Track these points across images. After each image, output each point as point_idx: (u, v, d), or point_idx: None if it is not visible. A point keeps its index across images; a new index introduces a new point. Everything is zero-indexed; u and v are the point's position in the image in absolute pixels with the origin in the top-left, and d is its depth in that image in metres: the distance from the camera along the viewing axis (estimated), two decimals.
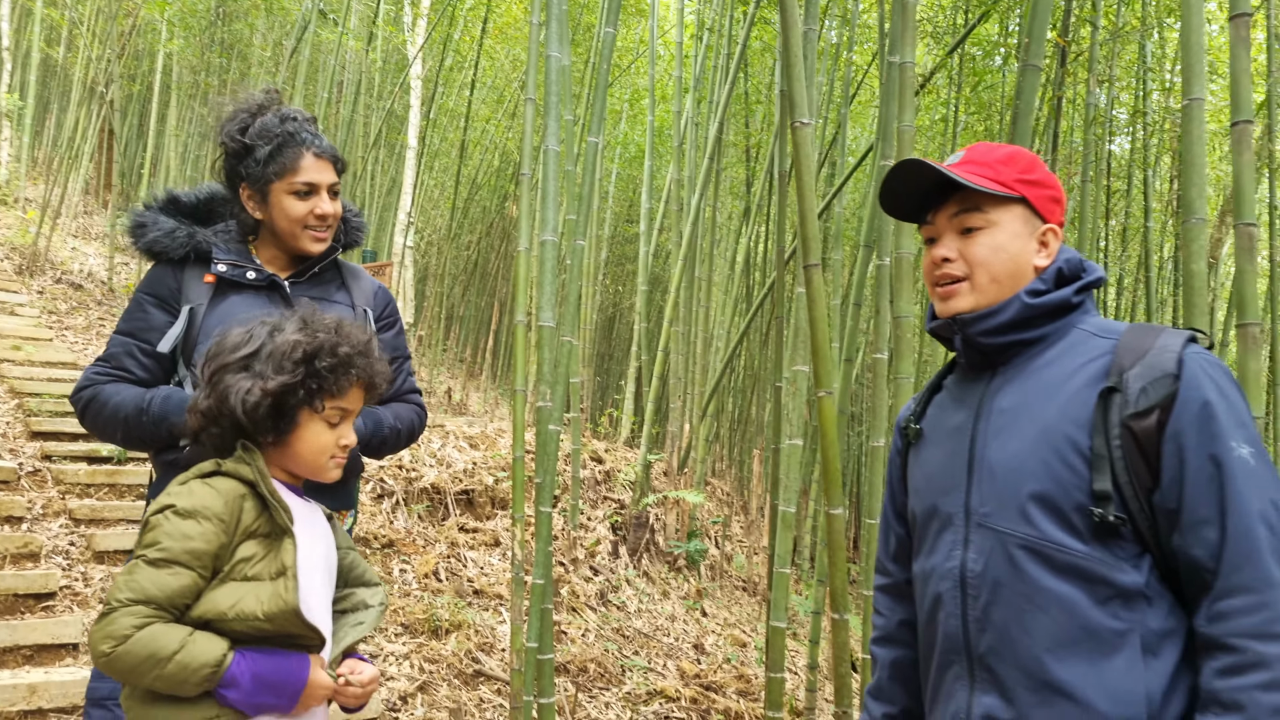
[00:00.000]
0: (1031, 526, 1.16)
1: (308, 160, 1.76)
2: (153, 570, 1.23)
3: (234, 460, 1.35)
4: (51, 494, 4.43)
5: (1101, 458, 1.12)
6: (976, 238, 1.28)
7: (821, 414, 1.98)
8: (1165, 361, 1.13)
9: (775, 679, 3.08)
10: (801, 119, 2.03)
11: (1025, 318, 1.24)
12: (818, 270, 2.00)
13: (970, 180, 1.26)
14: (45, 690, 2.96)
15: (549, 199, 3.07)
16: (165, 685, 1.22)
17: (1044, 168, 1.31)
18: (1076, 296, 1.25)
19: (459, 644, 3.95)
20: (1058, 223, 1.29)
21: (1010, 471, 1.20)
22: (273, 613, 1.26)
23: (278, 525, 1.32)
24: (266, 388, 1.33)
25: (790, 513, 3.13)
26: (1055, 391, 1.19)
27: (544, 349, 3.03)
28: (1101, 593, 1.11)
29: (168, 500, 1.28)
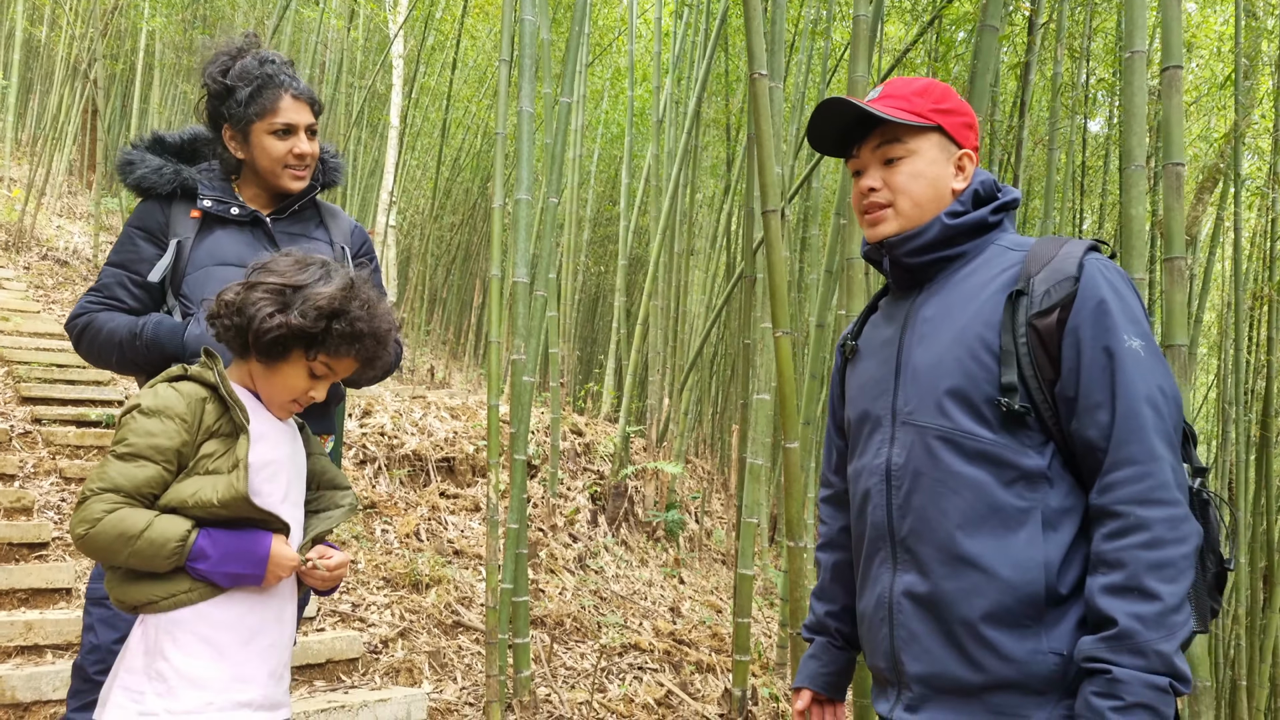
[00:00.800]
0: (946, 419, 1.28)
1: (286, 101, 1.86)
2: (120, 463, 1.36)
3: (198, 365, 1.47)
4: (42, 454, 4.53)
5: (1009, 354, 1.24)
6: (898, 167, 1.38)
7: (778, 352, 2.09)
8: (1067, 266, 1.25)
9: (742, 624, 3.21)
10: (760, 70, 2.14)
11: (946, 236, 1.36)
12: (776, 216, 2.10)
13: (889, 114, 1.37)
14: (41, 627, 3.06)
15: (523, 159, 3.16)
16: (139, 561, 1.35)
17: (956, 97, 1.41)
18: (993, 216, 1.36)
19: (439, 597, 4.06)
20: (972, 148, 1.39)
21: (929, 371, 1.32)
22: (226, 499, 1.38)
23: (236, 425, 1.43)
24: (284, 323, 1.41)
25: (759, 464, 3.25)
26: (972, 299, 1.31)
27: (518, 304, 3.13)
28: (1007, 475, 1.24)
29: (135, 401, 1.40)
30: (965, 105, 1.42)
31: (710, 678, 4.16)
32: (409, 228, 13.78)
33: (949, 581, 1.27)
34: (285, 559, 1.44)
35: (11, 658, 2.98)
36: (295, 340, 1.43)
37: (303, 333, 1.43)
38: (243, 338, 1.45)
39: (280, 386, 1.48)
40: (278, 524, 1.46)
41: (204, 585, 1.39)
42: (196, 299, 1.79)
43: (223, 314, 1.45)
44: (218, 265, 1.81)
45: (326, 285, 1.46)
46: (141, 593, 1.38)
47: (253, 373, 1.50)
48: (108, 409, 5.19)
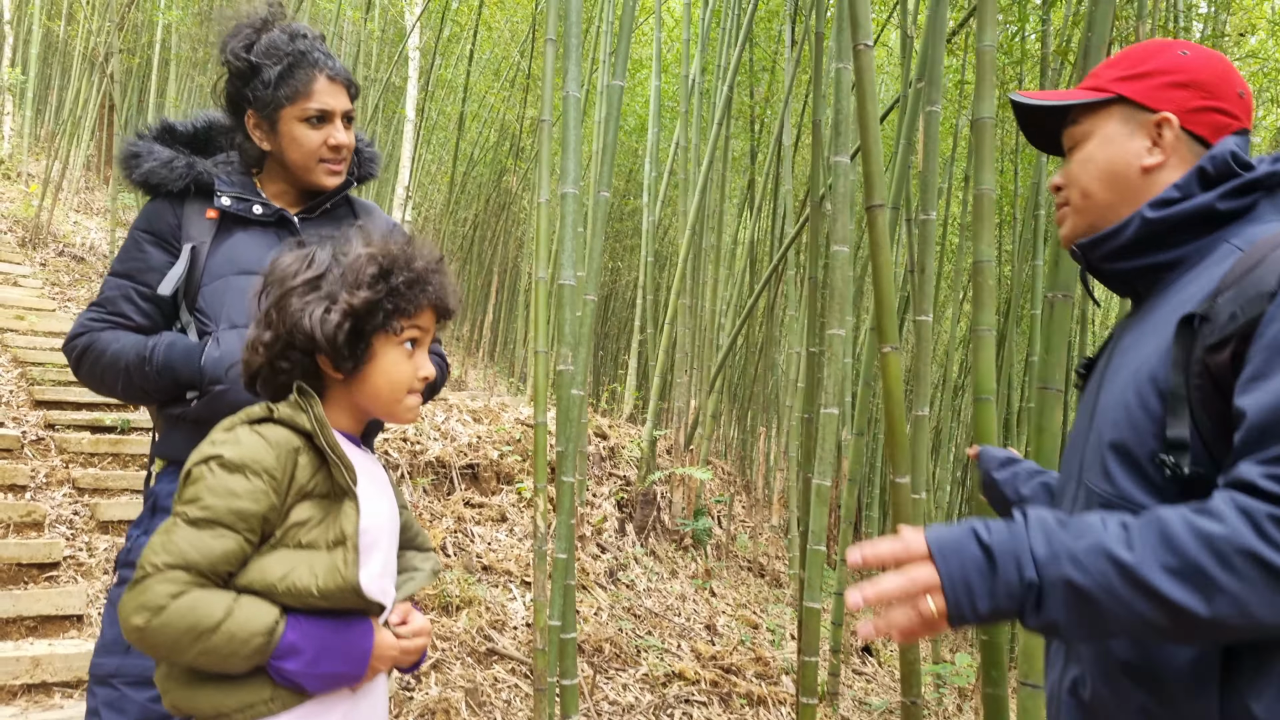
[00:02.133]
0: (1109, 482, 0.97)
1: (321, 83, 1.56)
2: (193, 531, 1.06)
3: (289, 406, 1.14)
4: (55, 463, 4.31)
5: (1179, 398, 0.90)
6: (1072, 154, 1.12)
7: (886, 371, 1.80)
8: (1268, 275, 0.87)
9: (809, 663, 2.92)
10: (864, 41, 1.83)
11: (1148, 235, 1.02)
12: (882, 212, 1.81)
13: (1047, 100, 1.11)
14: (49, 663, 2.83)
15: (569, 149, 2.86)
16: (211, 661, 1.04)
17: (1172, 53, 1.07)
18: (1226, 202, 0.99)
19: (470, 621, 3.78)
20: (1178, 109, 1.04)
21: (1104, 417, 1.01)
22: (329, 589, 1.07)
23: (338, 485, 1.12)
24: (346, 307, 1.13)
25: (826, 486, 2.96)
26: (1164, 323, 0.98)
27: (564, 309, 2.84)
28: None
29: (212, 449, 1.10)
30: (1182, 62, 1.06)
31: (763, 712, 3.87)
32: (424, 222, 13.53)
33: (1105, 688, 0.97)
34: (388, 650, 1.15)
35: (17, 698, 2.73)
36: (368, 321, 1.15)
37: (373, 306, 1.14)
38: (312, 364, 1.16)
39: (389, 383, 1.19)
40: (378, 610, 1.16)
41: (288, 692, 1.08)
42: (214, 314, 1.50)
43: (271, 359, 1.15)
44: (239, 274, 1.51)
45: (354, 250, 1.18)
46: (208, 700, 1.06)
47: (345, 401, 1.21)
48: (123, 413, 4.95)
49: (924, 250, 2.89)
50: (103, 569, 3.50)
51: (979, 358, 1.78)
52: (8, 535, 3.48)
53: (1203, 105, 1.04)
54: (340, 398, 1.22)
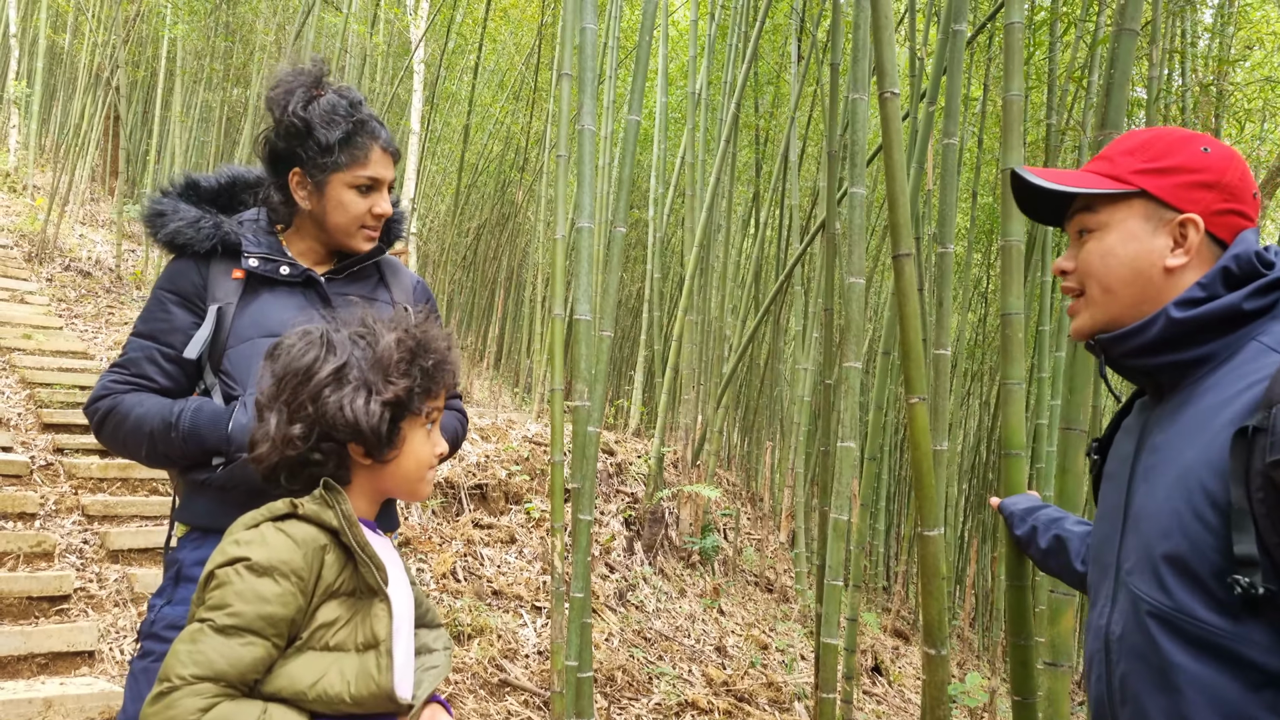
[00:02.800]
0: (1164, 592, 0.95)
1: (376, 154, 1.57)
2: (222, 639, 1.02)
3: (315, 502, 1.11)
4: (64, 489, 4.28)
5: (1242, 513, 0.88)
6: (1087, 243, 1.09)
7: (913, 423, 1.77)
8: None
9: (827, 700, 2.89)
10: (891, 89, 1.82)
11: (1176, 335, 1.01)
12: (909, 261, 1.79)
13: (1063, 184, 1.08)
14: (61, 705, 2.79)
15: (585, 183, 2.85)
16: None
17: (1193, 149, 1.06)
18: (1252, 302, 0.99)
19: (482, 651, 3.76)
20: (1204, 211, 1.04)
21: (1149, 523, 1.00)
22: (362, 696, 1.05)
23: (364, 583, 1.10)
24: (390, 396, 1.13)
25: (843, 520, 2.93)
26: (1203, 426, 0.97)
27: (580, 345, 2.82)
28: (1254, 678, 0.89)
29: (238, 550, 1.06)
30: (1206, 160, 1.06)
31: None
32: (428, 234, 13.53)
33: None
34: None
35: None
36: (404, 408, 1.16)
37: (408, 395, 1.15)
38: (342, 459, 1.14)
39: (415, 465, 1.19)
40: (407, 709, 1.13)
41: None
42: (241, 377, 1.48)
43: (303, 452, 1.13)
44: (266, 336, 1.49)
45: (383, 339, 1.17)
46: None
47: (368, 486, 1.19)
48: None
49: (941, 284, 2.88)
50: (113, 601, 3.47)
51: (1008, 412, 1.76)
52: (18, 567, 3.46)
53: (1225, 208, 1.04)
54: (364, 484, 1.20)
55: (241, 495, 1.44)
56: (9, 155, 12.24)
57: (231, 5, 11.29)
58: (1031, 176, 1.11)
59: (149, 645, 1.46)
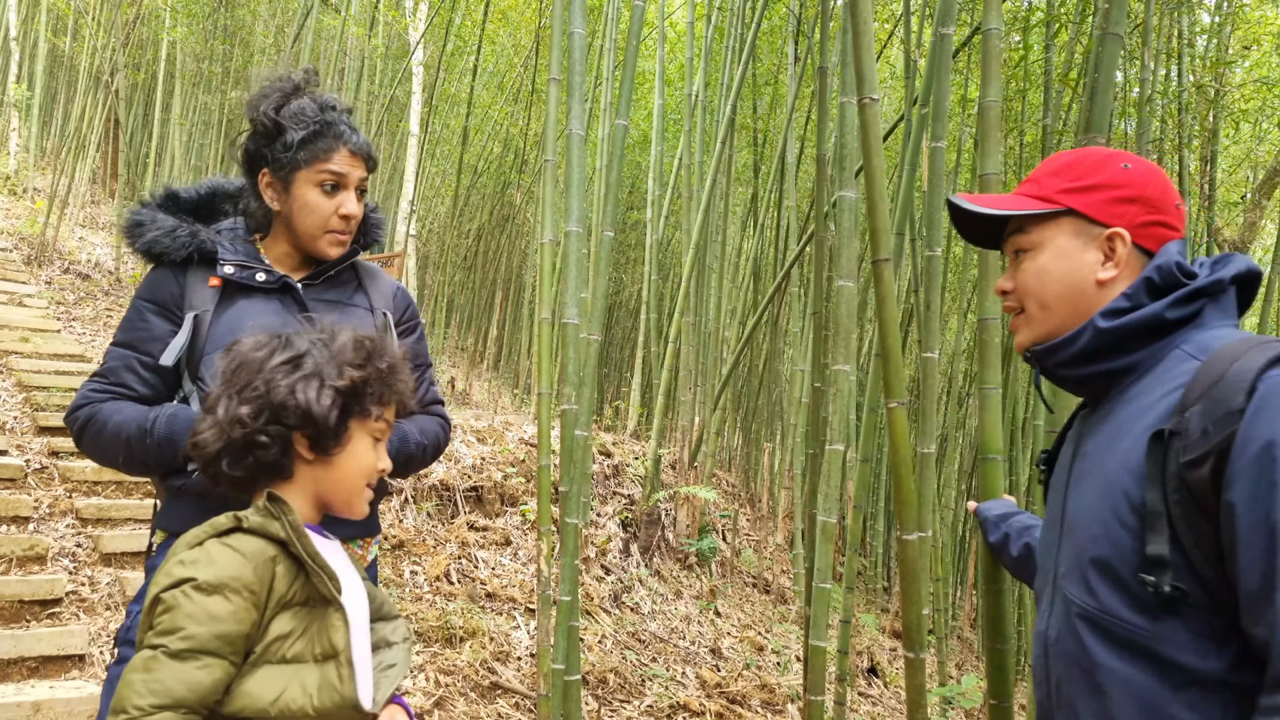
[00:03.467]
0: (1091, 595, 0.98)
1: (341, 153, 1.56)
2: (177, 664, 0.99)
3: (259, 514, 1.10)
4: (58, 492, 4.29)
5: (1157, 515, 0.92)
6: (1022, 263, 1.14)
7: (892, 427, 1.78)
8: (1234, 394, 0.88)
9: (815, 702, 2.90)
10: (870, 95, 1.82)
11: (1102, 345, 1.05)
12: (888, 266, 1.79)
13: (994, 208, 1.12)
14: (50, 708, 2.81)
15: (573, 187, 2.86)
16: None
17: (1115, 166, 1.10)
18: (1174, 311, 1.02)
19: (474, 653, 3.76)
20: (1129, 224, 1.07)
21: (1079, 528, 1.03)
22: (326, 708, 1.04)
23: (317, 592, 1.08)
24: (342, 384, 1.14)
25: (831, 523, 2.94)
26: (1126, 432, 1.00)
27: (568, 349, 2.83)
28: (1176, 678, 0.91)
29: (184, 572, 1.03)
30: (1127, 176, 1.09)
31: None
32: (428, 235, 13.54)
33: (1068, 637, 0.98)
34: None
35: None
36: (356, 401, 1.16)
37: (362, 387, 1.16)
38: (287, 445, 1.13)
39: (355, 472, 1.19)
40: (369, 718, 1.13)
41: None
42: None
43: (249, 432, 1.11)
44: None
45: (337, 337, 1.20)
46: None
47: (307, 491, 1.19)
48: None
49: (929, 286, 2.88)
50: (105, 605, 3.49)
51: (985, 417, 1.77)
52: (10, 571, 3.47)
53: (1149, 219, 1.08)
54: (306, 482, 1.19)
55: (217, 501, 1.45)
56: (9, 158, 12.28)
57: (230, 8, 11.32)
58: (965, 203, 1.15)
59: (125, 651, 1.47)
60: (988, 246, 1.24)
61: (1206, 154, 8.00)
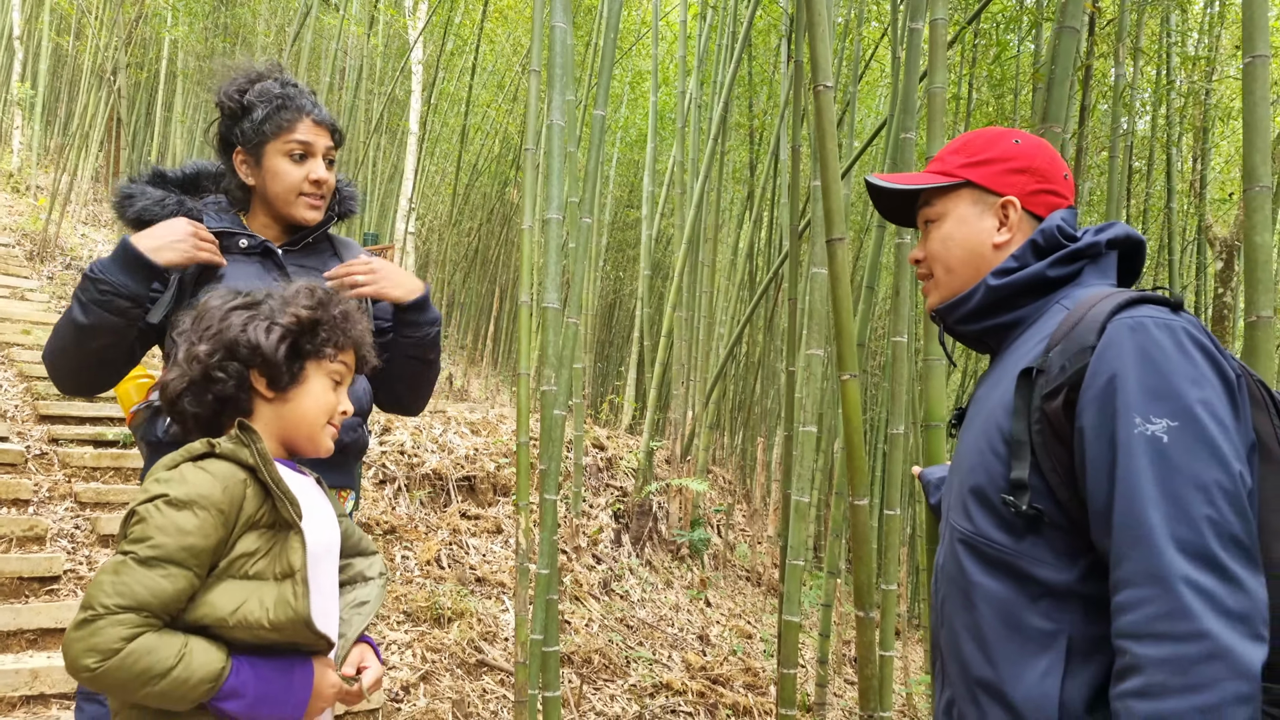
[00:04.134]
0: (969, 520, 1.10)
1: (305, 123, 1.69)
2: (144, 570, 1.07)
3: (231, 441, 1.19)
4: (58, 477, 4.39)
5: (1021, 444, 1.03)
6: (930, 233, 1.26)
7: (845, 399, 1.87)
8: (1087, 332, 1.01)
9: (788, 675, 2.99)
10: (824, 82, 1.92)
11: (993, 301, 1.17)
12: (841, 245, 1.89)
13: (901, 183, 1.25)
14: (48, 675, 2.91)
15: (553, 175, 2.95)
16: (158, 701, 1.08)
17: (1006, 142, 1.22)
18: (1056, 269, 1.14)
19: (461, 633, 3.86)
20: (1019, 192, 1.19)
21: (961, 462, 1.16)
22: (280, 621, 1.12)
23: (282, 517, 1.17)
24: (289, 321, 1.24)
25: (804, 502, 3.03)
26: (1004, 376, 1.12)
27: (548, 332, 2.92)
28: (1032, 590, 1.03)
29: (158, 488, 1.12)
30: (1017, 150, 1.21)
31: None
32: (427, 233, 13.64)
33: (969, 707, 1.08)
34: (328, 690, 1.21)
35: (16, 709, 2.81)
36: (304, 342, 1.27)
37: (311, 326, 1.26)
38: (244, 382, 1.23)
39: (315, 409, 1.28)
40: (328, 646, 1.21)
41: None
42: None
43: (206, 368, 1.21)
44: None
45: (285, 289, 1.31)
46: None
47: (272, 428, 1.28)
48: (125, 428, 5.05)
49: (899, 273, 2.97)
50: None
51: (929, 386, 1.86)
52: (10, 550, 3.57)
53: (1038, 188, 1.19)
54: (269, 420, 1.27)
55: None
56: (13, 156, 12.40)
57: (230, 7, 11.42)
58: (878, 180, 1.27)
59: None
60: (904, 224, 1.34)
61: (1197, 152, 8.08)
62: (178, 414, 1.25)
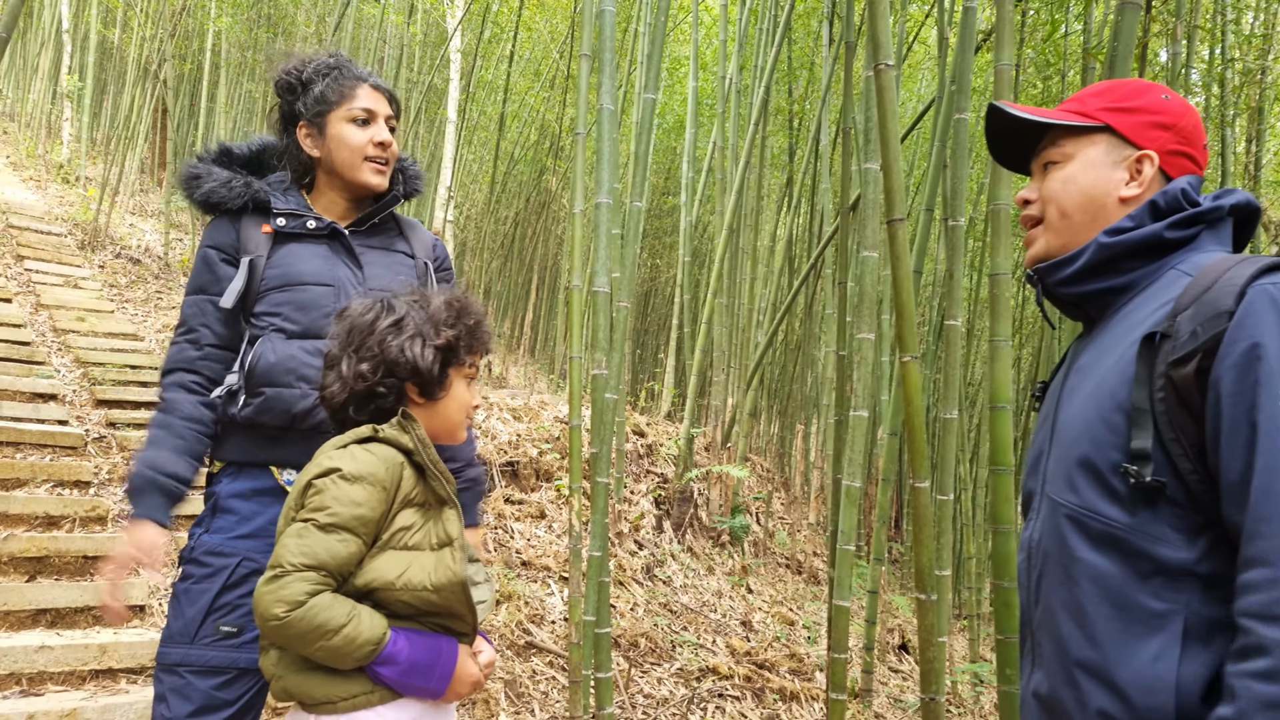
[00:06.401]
0: (1075, 494, 1.04)
1: (364, 89, 1.73)
2: (323, 535, 1.22)
3: (393, 428, 1.33)
4: (116, 459, 4.52)
5: (1143, 412, 0.97)
6: (1050, 173, 1.17)
7: (905, 380, 1.86)
8: (1224, 297, 0.95)
9: (838, 660, 2.98)
10: (885, 61, 1.89)
11: (1103, 260, 1.10)
12: (902, 226, 1.87)
13: (1036, 115, 1.16)
14: (115, 650, 2.99)
15: (604, 160, 2.95)
16: (325, 656, 1.21)
17: (1155, 96, 1.15)
18: (1173, 232, 1.07)
19: (510, 615, 3.90)
20: (1159, 148, 1.12)
21: (1066, 433, 1.09)
22: (441, 583, 1.25)
23: (436, 495, 1.31)
24: (439, 343, 1.37)
25: (855, 487, 3.01)
26: (1118, 343, 1.06)
27: (598, 315, 2.93)
28: (1143, 567, 0.97)
29: (331, 464, 1.26)
30: (1165, 105, 1.15)
31: (795, 707, 3.94)
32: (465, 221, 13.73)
33: (1065, 689, 1.03)
34: (468, 677, 1.32)
35: (85, 683, 2.90)
36: (451, 355, 1.41)
37: (456, 343, 1.39)
38: (401, 394, 1.37)
39: (456, 408, 1.43)
40: (471, 621, 1.33)
41: (382, 690, 1.26)
42: (268, 321, 1.63)
43: (371, 385, 1.34)
44: (296, 286, 1.63)
45: (431, 300, 1.43)
46: (322, 690, 1.24)
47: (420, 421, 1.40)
48: None
49: (953, 256, 2.93)
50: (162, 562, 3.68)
51: (995, 367, 1.83)
52: (74, 529, 3.68)
53: (1178, 149, 1.12)
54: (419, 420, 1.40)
55: (268, 431, 1.60)
56: (63, 147, 12.68)
57: None
58: (1010, 108, 1.19)
59: (188, 569, 1.62)
60: (1013, 167, 1.27)
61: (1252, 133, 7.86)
62: (339, 420, 1.39)
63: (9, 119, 14.83)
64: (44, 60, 13.40)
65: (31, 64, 14.32)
